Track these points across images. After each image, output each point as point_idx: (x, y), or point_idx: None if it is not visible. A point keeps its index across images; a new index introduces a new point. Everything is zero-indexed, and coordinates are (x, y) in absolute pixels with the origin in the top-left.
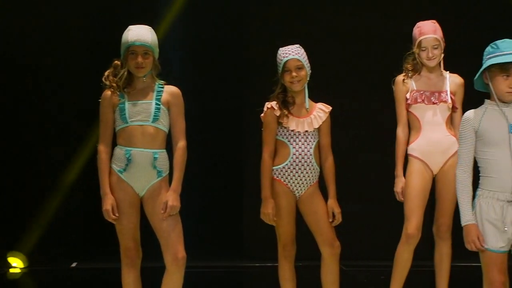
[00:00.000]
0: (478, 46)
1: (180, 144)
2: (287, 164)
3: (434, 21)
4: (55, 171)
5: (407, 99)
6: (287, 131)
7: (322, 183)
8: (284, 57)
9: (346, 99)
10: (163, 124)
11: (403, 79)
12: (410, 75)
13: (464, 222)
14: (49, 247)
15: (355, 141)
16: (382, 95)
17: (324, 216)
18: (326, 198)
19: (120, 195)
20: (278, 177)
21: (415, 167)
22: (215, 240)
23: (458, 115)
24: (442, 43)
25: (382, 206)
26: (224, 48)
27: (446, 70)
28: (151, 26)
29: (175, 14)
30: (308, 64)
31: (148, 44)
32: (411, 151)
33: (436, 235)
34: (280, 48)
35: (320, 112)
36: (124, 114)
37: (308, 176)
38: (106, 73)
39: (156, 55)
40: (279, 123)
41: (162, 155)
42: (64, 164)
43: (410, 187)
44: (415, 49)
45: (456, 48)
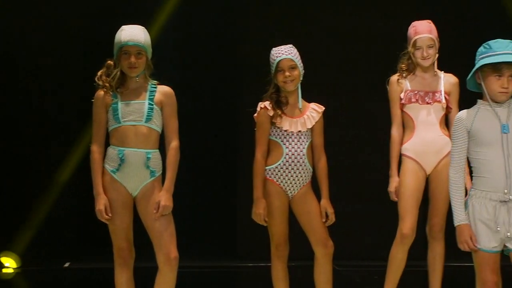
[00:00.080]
0: (471, 46)
1: (173, 144)
2: (279, 164)
3: (430, 21)
4: (48, 171)
5: (401, 99)
6: (280, 131)
7: (315, 183)
8: (277, 57)
9: (339, 99)
10: (156, 124)
11: (398, 79)
12: (405, 75)
13: (456, 222)
14: (42, 247)
15: (348, 141)
16: (376, 95)
17: (317, 216)
18: (319, 198)
19: (113, 195)
20: (271, 177)
21: (408, 167)
22: (208, 240)
23: (453, 115)
24: (437, 43)
25: (376, 206)
26: (217, 48)
27: (441, 70)
28: (144, 26)
29: (169, 14)
30: (301, 64)
31: (141, 44)
32: (404, 151)
33: (429, 235)
34: (273, 48)
35: (313, 112)
36: (117, 114)
37: (301, 176)
38: (99, 73)
39: (149, 55)
40: (272, 123)
41: (155, 155)
42: (57, 164)
43: (404, 187)
44: (410, 48)
45: (450, 48)
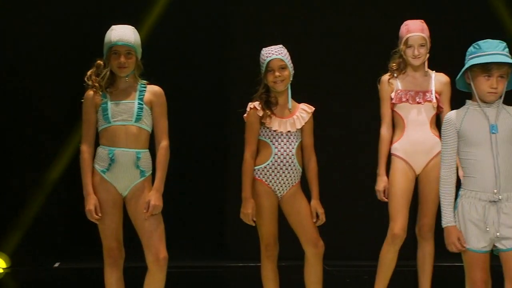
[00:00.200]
0: (461, 46)
1: (163, 143)
2: (268, 164)
3: (422, 20)
4: (37, 171)
5: (392, 99)
6: (270, 131)
7: (305, 183)
8: (267, 57)
9: (329, 99)
10: (146, 124)
11: (389, 79)
12: (396, 75)
13: (444, 223)
14: (32, 247)
15: (339, 141)
16: (367, 95)
17: (307, 215)
18: (308, 198)
19: (103, 195)
20: (259, 177)
21: (398, 166)
22: (197, 240)
23: (444, 115)
24: (428, 43)
25: (366, 206)
26: (207, 48)
27: (432, 70)
28: (134, 26)
29: (159, 14)
30: (291, 64)
31: (131, 44)
32: (394, 150)
33: (419, 235)
34: (263, 48)
35: (303, 112)
36: (107, 114)
37: (290, 176)
38: (89, 72)
39: (139, 55)
40: (262, 123)
41: (145, 155)
42: (46, 163)
43: (395, 187)
44: (402, 46)
45: (441, 47)
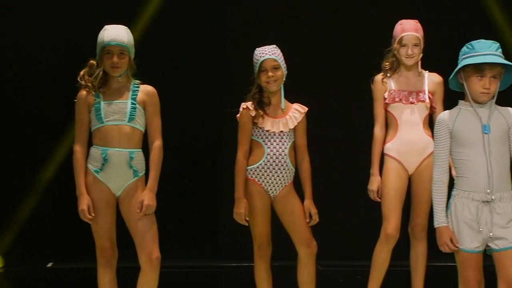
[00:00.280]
0: (454, 45)
1: (156, 143)
2: (261, 164)
3: (417, 20)
4: (30, 171)
5: (385, 99)
6: (262, 131)
7: (298, 184)
8: (260, 57)
9: (323, 99)
10: (139, 124)
11: (382, 79)
12: (389, 74)
13: (436, 224)
14: (25, 247)
15: (332, 141)
16: (360, 95)
17: (300, 215)
18: (302, 198)
19: (96, 195)
20: (252, 177)
21: (391, 167)
22: (191, 240)
23: (437, 115)
24: (422, 43)
25: (359, 206)
26: (201, 48)
27: (425, 70)
28: (127, 26)
29: (152, 14)
30: (285, 65)
31: (124, 44)
32: (387, 150)
33: (412, 235)
34: (257, 48)
35: (296, 112)
36: (100, 114)
37: (282, 176)
38: (82, 72)
39: (132, 55)
40: (254, 123)
41: (138, 154)
42: (39, 163)
43: (388, 187)
44: (396, 45)
45: (434, 47)
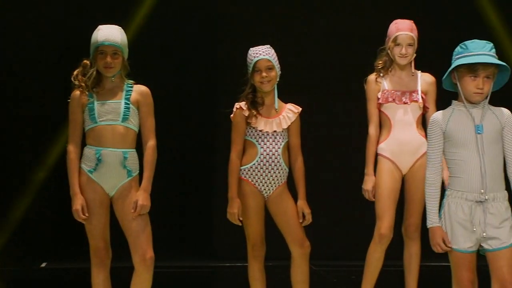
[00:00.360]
0: (447, 45)
1: (150, 143)
2: (254, 164)
3: (412, 21)
4: (24, 171)
5: (379, 99)
6: (255, 131)
7: (291, 184)
8: (254, 57)
9: (316, 99)
10: (133, 124)
11: (376, 78)
12: (382, 74)
13: (429, 224)
14: (18, 247)
15: (326, 141)
16: (353, 95)
17: (293, 216)
18: (295, 198)
19: (90, 195)
20: (245, 177)
21: (384, 167)
22: (184, 240)
23: (430, 115)
24: (416, 44)
25: (353, 206)
26: (194, 48)
27: (419, 70)
28: (121, 26)
29: (146, 14)
30: (278, 65)
31: (117, 44)
32: (381, 150)
33: (405, 235)
34: (251, 48)
35: (289, 112)
36: (93, 114)
37: (276, 176)
38: (75, 72)
39: (126, 55)
40: (248, 123)
41: (132, 154)
42: (33, 163)
43: (381, 187)
44: (390, 43)
45: (427, 47)
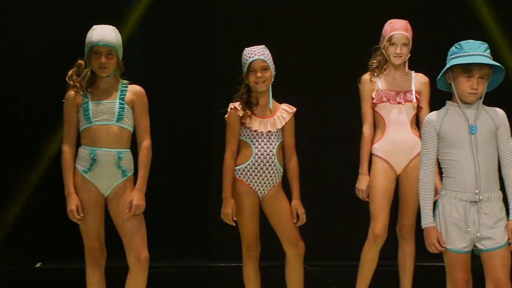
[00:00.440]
0: (442, 46)
1: (145, 143)
2: (249, 164)
3: (407, 21)
4: (18, 171)
5: (373, 98)
6: (250, 131)
7: (286, 184)
8: (249, 57)
9: (311, 99)
10: (127, 124)
11: (370, 78)
12: (376, 74)
13: (424, 224)
14: (13, 248)
15: (320, 141)
16: (347, 95)
17: (288, 216)
18: (290, 198)
19: (84, 195)
20: (240, 177)
21: (379, 167)
22: (179, 240)
23: (424, 115)
24: (411, 44)
25: (347, 206)
26: (190, 48)
27: (413, 69)
28: (116, 26)
29: (141, 14)
30: (273, 65)
31: (112, 44)
32: (375, 150)
33: (399, 235)
34: (246, 48)
35: (284, 112)
36: (88, 114)
37: (270, 176)
38: (70, 72)
39: (120, 56)
40: (242, 123)
41: (127, 154)
42: (28, 164)
43: (376, 187)
44: (385, 43)
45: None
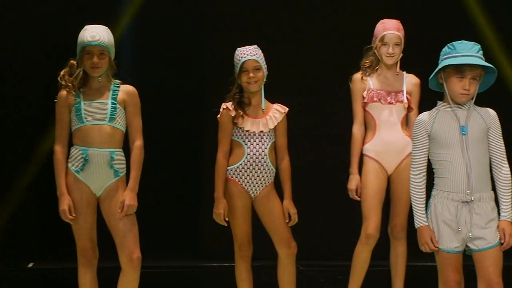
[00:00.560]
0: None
1: (137, 143)
2: (241, 164)
3: (399, 21)
4: (11, 171)
5: (364, 98)
6: (242, 131)
7: (278, 184)
8: (242, 57)
9: (303, 99)
10: (120, 124)
11: (361, 77)
12: (368, 73)
13: (417, 224)
14: (5, 248)
15: (312, 141)
16: (339, 95)
17: (280, 216)
18: (282, 198)
19: (77, 195)
20: (232, 177)
21: (370, 167)
22: (171, 240)
23: (414, 116)
24: (403, 43)
25: (339, 206)
26: (183, 47)
27: (406, 69)
28: (108, 26)
29: (133, 14)
30: (265, 65)
31: (104, 44)
32: (366, 151)
33: (391, 235)
34: (238, 48)
35: (276, 113)
36: (80, 114)
37: (262, 176)
38: (62, 72)
39: (112, 56)
40: (234, 124)
41: (119, 154)
42: (20, 164)
43: (367, 187)
44: (377, 43)
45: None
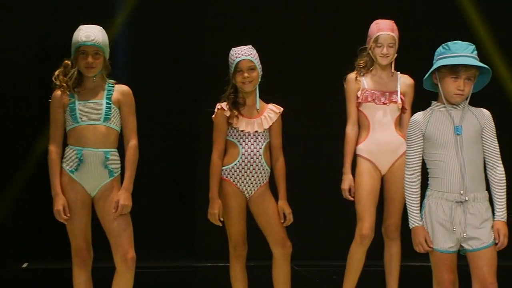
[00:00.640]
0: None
1: (132, 143)
2: (236, 164)
3: (393, 21)
4: (5, 171)
5: (358, 98)
6: (237, 132)
7: (273, 184)
8: (236, 57)
9: (298, 99)
10: (114, 123)
11: (356, 77)
12: (362, 73)
13: (411, 224)
14: None
15: (307, 141)
16: (334, 95)
17: (275, 216)
18: (277, 198)
19: (71, 195)
20: (227, 177)
21: (364, 167)
22: (166, 240)
23: (407, 116)
24: (397, 44)
25: (334, 206)
26: (177, 48)
27: (400, 70)
28: (102, 26)
29: (128, 13)
30: (260, 65)
31: (98, 44)
32: (359, 151)
33: (385, 235)
34: (233, 48)
35: (270, 113)
36: (75, 114)
37: (257, 176)
38: (56, 72)
39: (107, 55)
40: (229, 124)
41: (114, 154)
42: (14, 163)
43: (361, 188)
44: (371, 43)
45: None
